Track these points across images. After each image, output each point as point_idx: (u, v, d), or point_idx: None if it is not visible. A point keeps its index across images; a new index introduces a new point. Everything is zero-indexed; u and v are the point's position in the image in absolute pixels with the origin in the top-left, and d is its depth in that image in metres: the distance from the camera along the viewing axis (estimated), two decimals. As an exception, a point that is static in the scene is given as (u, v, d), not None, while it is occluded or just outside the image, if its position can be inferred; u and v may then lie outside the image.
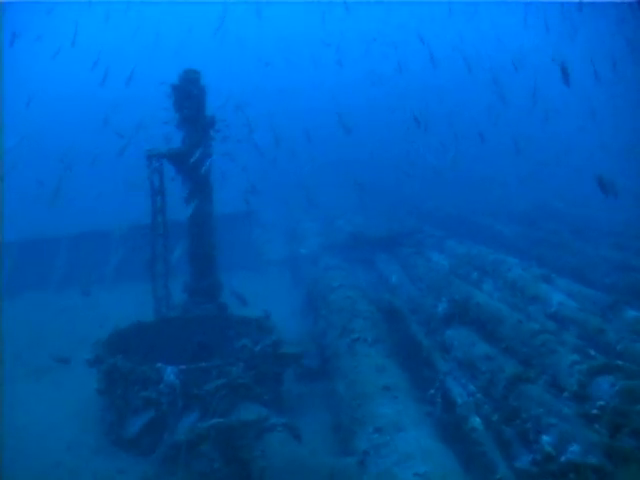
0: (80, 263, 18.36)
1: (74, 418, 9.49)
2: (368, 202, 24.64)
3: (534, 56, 30.50)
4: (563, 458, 5.25)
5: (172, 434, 7.75)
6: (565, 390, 6.64)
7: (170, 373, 7.93)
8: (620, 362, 6.86)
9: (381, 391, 7.61)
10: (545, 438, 5.58)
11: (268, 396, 8.48)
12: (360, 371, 8.42)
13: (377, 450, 6.36)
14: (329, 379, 9.59)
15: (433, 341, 9.49)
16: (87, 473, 7.91)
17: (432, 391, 7.78)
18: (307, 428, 7.92)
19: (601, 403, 5.99)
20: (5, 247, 17.06)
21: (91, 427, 9.14)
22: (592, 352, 7.51)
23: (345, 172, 27.10)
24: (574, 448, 5.22)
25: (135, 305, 12.38)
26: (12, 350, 11.62)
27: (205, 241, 11.37)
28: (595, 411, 5.94)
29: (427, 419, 7.13)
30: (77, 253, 18.70)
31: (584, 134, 28.54)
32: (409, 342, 9.81)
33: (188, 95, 10.81)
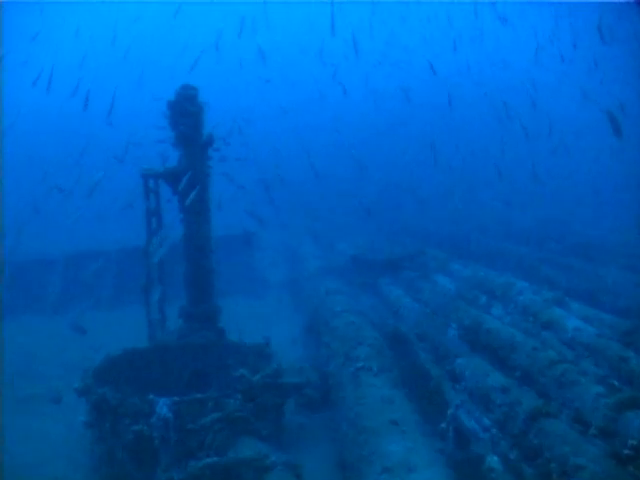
0: (76, 285, 18.01)
1: (63, 451, 9.00)
2: (370, 224, 24.23)
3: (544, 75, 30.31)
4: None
5: (164, 471, 7.23)
6: (591, 426, 6.10)
7: (162, 405, 7.40)
8: (649, 394, 6.33)
9: (389, 425, 7.07)
10: (578, 486, 5.04)
11: (268, 430, 7.94)
12: (365, 403, 7.88)
13: (387, 493, 5.82)
14: (332, 410, 9.07)
15: (442, 370, 8.96)
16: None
17: (444, 425, 7.24)
18: (309, 465, 7.36)
19: (633, 442, 5.46)
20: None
21: (80, 462, 8.62)
22: (616, 383, 6.98)
23: (347, 193, 26.72)
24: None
25: (130, 330, 11.93)
26: (2, 376, 11.15)
27: (202, 264, 10.89)
28: (627, 451, 5.40)
29: (439, 457, 6.57)
30: (73, 274, 18.32)
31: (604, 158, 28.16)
32: (417, 371, 9.29)
33: (184, 112, 10.39)
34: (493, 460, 6.27)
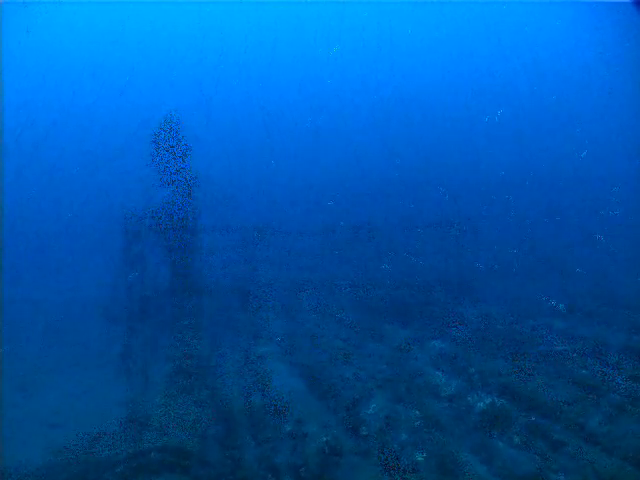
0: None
1: None
2: (374, 268, 23.00)
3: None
4: None
5: None
6: None
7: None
8: None
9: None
10: None
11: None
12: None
13: None
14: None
15: (471, 451, 7.44)
16: None
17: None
18: None
19: None
20: None
21: None
22: None
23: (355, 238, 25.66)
24: None
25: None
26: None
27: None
28: None
29: None
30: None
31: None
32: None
33: (171, 145, 9.12)
34: None
